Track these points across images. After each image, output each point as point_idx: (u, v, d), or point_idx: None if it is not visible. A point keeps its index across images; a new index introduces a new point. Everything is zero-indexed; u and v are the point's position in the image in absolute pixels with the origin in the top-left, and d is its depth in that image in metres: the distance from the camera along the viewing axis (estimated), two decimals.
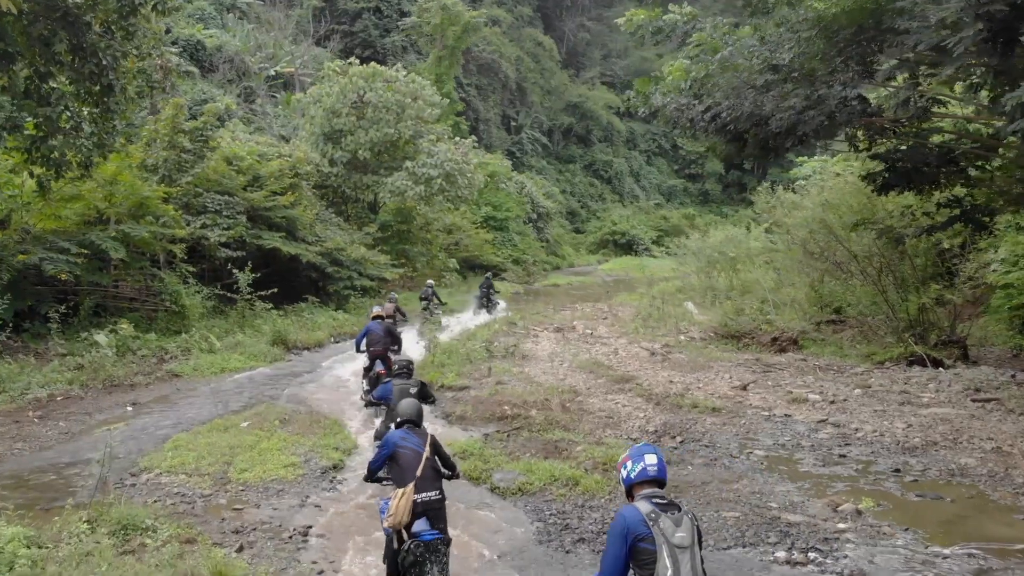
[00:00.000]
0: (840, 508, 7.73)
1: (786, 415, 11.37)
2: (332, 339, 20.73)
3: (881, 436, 10.28)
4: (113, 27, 13.95)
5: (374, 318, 13.10)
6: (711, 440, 10.17)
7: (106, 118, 14.76)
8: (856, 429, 10.61)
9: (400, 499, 5.51)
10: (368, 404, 11.12)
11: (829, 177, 28.32)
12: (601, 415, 11.28)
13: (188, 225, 19.32)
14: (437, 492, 5.71)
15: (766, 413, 11.48)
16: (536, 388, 12.91)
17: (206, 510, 8.09)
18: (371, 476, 6.25)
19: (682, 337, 18.31)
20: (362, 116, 29.28)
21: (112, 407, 12.95)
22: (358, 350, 12.86)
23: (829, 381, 13.58)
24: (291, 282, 22.62)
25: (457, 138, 32.99)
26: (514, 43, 73.68)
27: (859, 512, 7.59)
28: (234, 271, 19.47)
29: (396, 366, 8.99)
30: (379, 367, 12.14)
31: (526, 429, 10.77)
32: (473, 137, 33.41)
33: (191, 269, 18.97)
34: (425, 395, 8.40)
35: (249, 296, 19.38)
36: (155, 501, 8.30)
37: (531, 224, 50.50)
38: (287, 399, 13.58)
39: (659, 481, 3.95)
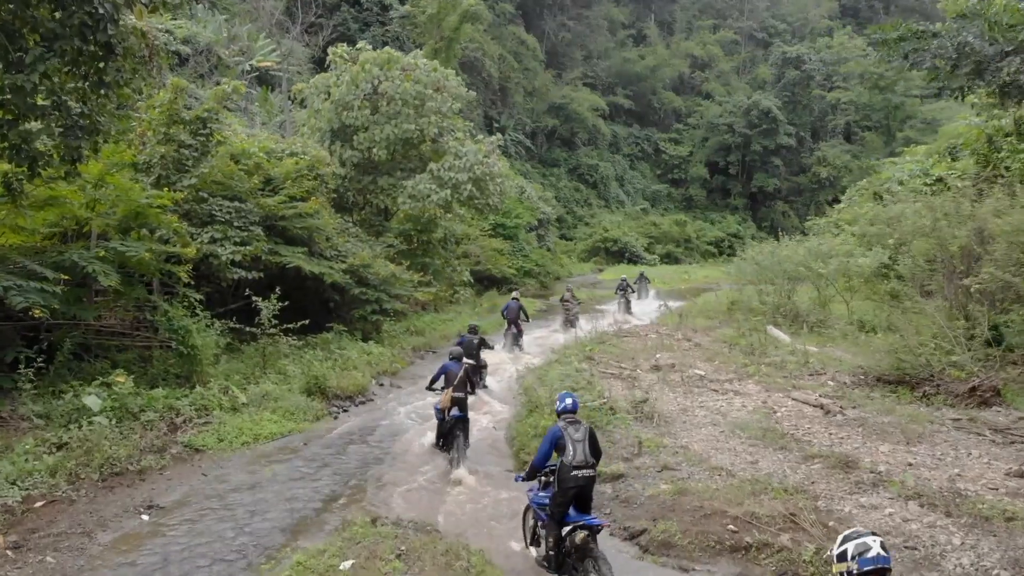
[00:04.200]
0: None
1: None
2: (375, 382, 16.59)
3: None
4: None
5: (513, 297, 20.90)
6: None
7: (101, 94, 10.57)
8: None
9: (446, 395, 11.11)
10: (459, 345, 14.29)
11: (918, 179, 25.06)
12: (895, 543, 7.44)
13: (193, 239, 15.09)
14: (463, 393, 11.22)
15: None
16: (738, 484, 9.03)
17: None
18: (430, 386, 11.97)
19: (829, 382, 14.60)
20: (376, 110, 25.12)
21: (119, 516, 8.76)
22: (503, 315, 20.84)
23: None
24: (304, 306, 18.42)
25: (480, 136, 28.89)
26: (496, 41, 69.69)
27: None
28: (254, 298, 15.27)
29: (469, 327, 16.53)
30: (514, 329, 20.45)
31: None
32: (498, 135, 29.34)
33: (198, 297, 14.69)
34: (484, 343, 16.11)
35: (273, 330, 15.19)
36: None
37: (533, 232, 46.63)
38: (376, 497, 9.53)
39: (574, 411, 7.32)
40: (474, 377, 14.00)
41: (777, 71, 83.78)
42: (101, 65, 10.21)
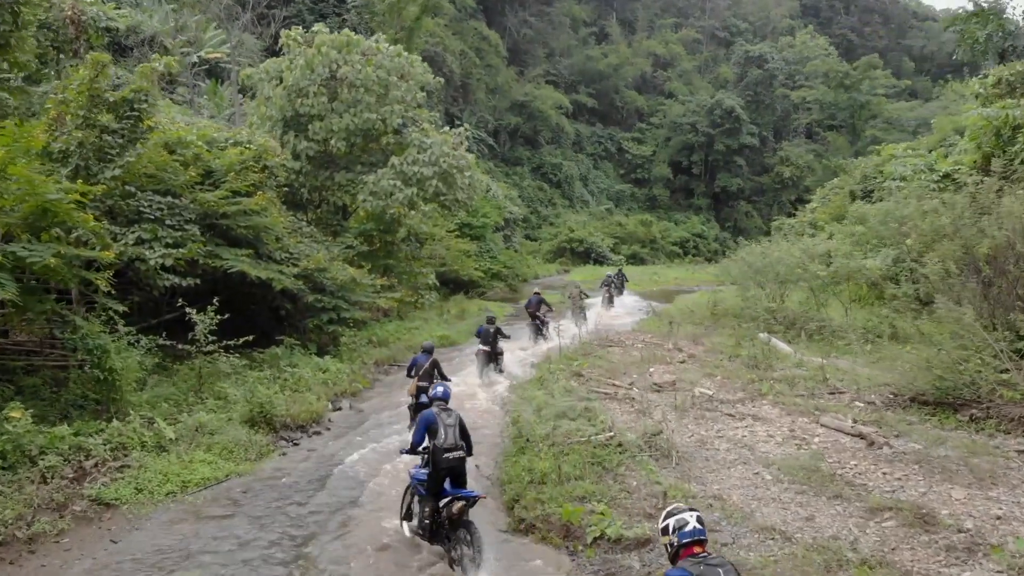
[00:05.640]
0: None
1: None
2: (332, 405, 14.38)
3: None
4: None
5: (535, 292, 23.00)
6: None
7: None
8: None
9: (412, 384, 12.46)
10: (477, 334, 17.81)
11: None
12: None
13: (116, 240, 12.78)
14: (428, 383, 11.82)
15: None
16: (802, 554, 7.09)
17: None
18: (408, 373, 12.89)
19: (857, 403, 12.79)
20: (335, 97, 22.86)
21: None
22: (526, 309, 22.85)
23: None
24: (249, 316, 16.17)
25: (446, 127, 26.70)
26: (457, 36, 67.49)
27: None
28: (187, 309, 13.00)
29: (487, 317, 18.08)
30: (536, 322, 22.15)
31: None
32: (466, 126, 27.06)
33: (120, 309, 12.33)
34: (500, 332, 17.43)
35: (211, 346, 12.91)
36: None
37: (500, 232, 44.53)
38: (337, 571, 7.40)
39: (445, 399, 8.23)
40: (492, 363, 17.20)
41: (740, 70, 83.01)
42: None
